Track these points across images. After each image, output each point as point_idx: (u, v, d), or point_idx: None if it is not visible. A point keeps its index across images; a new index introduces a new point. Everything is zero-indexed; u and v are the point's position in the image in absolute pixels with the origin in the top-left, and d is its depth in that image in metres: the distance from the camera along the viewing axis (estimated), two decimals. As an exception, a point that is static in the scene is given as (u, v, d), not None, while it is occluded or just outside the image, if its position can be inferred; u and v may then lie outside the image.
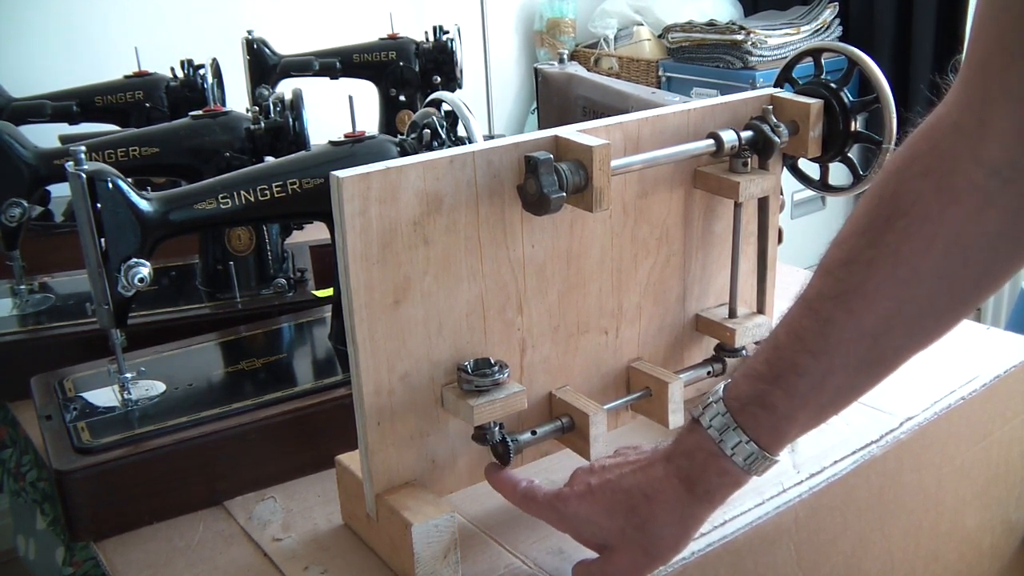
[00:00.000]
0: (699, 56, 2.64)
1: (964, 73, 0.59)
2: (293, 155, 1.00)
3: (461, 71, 1.73)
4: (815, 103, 0.90)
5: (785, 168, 0.97)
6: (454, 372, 0.78)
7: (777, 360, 0.65)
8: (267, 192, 0.95)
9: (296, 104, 1.13)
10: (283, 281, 1.23)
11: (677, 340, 0.96)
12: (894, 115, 0.89)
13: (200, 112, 1.18)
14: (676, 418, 0.89)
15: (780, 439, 0.66)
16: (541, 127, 1.32)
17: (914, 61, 2.60)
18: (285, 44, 1.70)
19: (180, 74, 1.50)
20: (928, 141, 0.61)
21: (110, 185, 0.87)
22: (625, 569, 0.70)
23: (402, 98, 1.74)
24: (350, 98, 0.98)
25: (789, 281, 1.09)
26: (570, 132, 0.78)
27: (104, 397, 0.95)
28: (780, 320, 0.67)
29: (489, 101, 2.78)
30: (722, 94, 0.98)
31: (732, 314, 0.95)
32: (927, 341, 0.65)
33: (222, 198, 0.94)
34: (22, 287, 1.20)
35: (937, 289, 0.61)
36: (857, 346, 0.63)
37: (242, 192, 0.95)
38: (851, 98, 0.91)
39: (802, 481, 0.87)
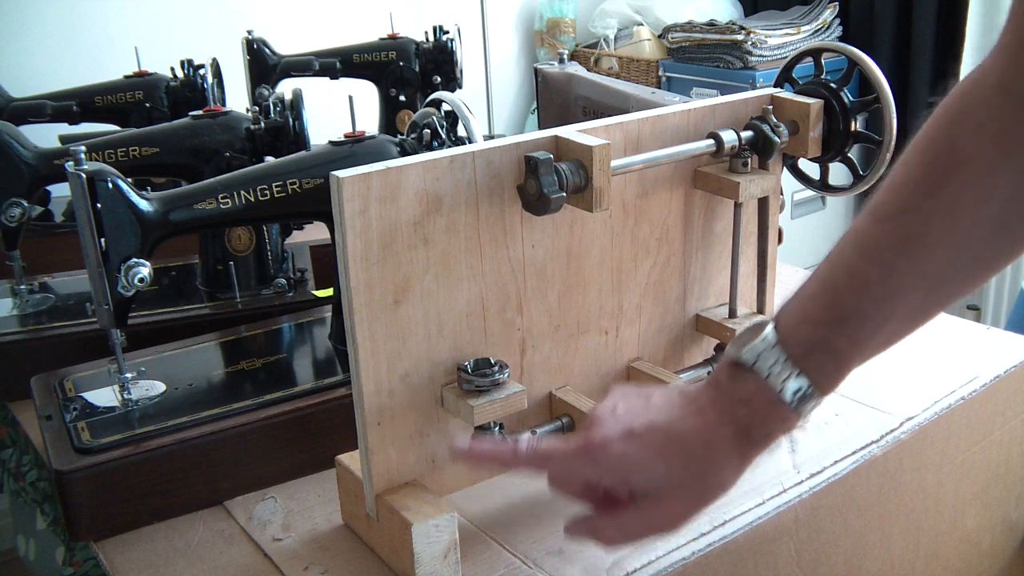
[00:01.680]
0: (699, 56, 2.64)
1: (1009, 34, 0.60)
2: (293, 155, 1.00)
3: (461, 71, 1.73)
4: (815, 103, 0.90)
5: (785, 168, 0.97)
6: (454, 372, 0.78)
7: (841, 306, 0.65)
8: (267, 192, 0.95)
9: (296, 104, 1.13)
10: (283, 281, 1.23)
11: (677, 340, 0.96)
12: (894, 115, 0.89)
13: (200, 112, 1.18)
14: (676, 418, 0.88)
15: (835, 383, 0.66)
16: (541, 127, 1.32)
17: (914, 61, 2.60)
18: (285, 44, 1.70)
19: (180, 74, 1.50)
20: (977, 97, 0.62)
21: (110, 185, 0.87)
22: (676, 515, 0.67)
23: (402, 98, 1.74)
24: (350, 98, 0.98)
25: (789, 281, 1.09)
26: (570, 132, 0.78)
27: (104, 397, 0.95)
28: (828, 263, 0.66)
29: (489, 101, 2.78)
30: (722, 94, 0.98)
31: (732, 314, 0.95)
32: (978, 284, 0.67)
33: (222, 198, 0.94)
34: (22, 287, 1.20)
35: (997, 236, 0.63)
36: (915, 294, 0.64)
37: (242, 192, 0.95)
38: (851, 98, 0.91)
39: (802, 481, 0.87)
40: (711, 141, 0.87)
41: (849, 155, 0.93)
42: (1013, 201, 0.62)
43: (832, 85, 0.91)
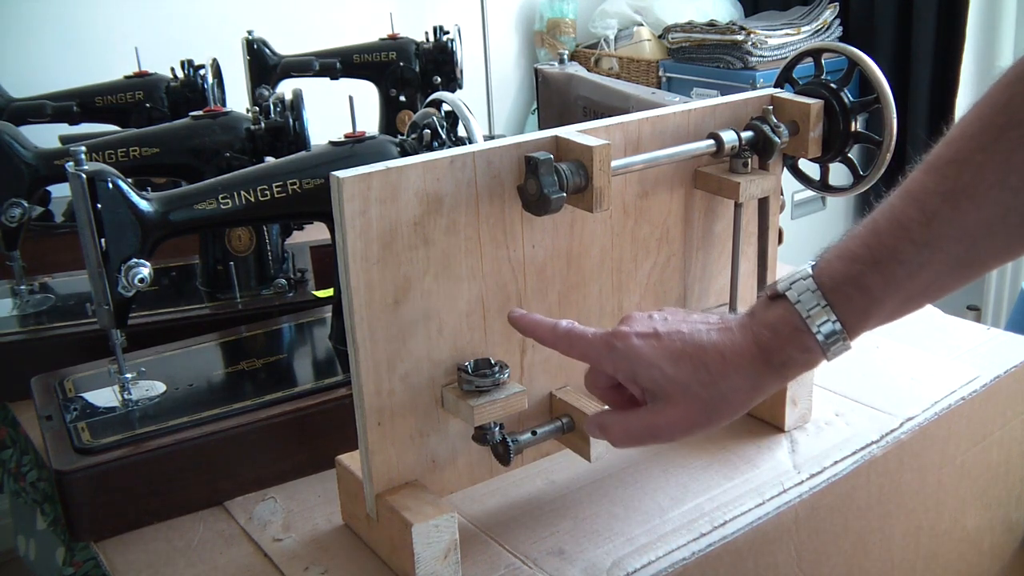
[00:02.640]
0: (699, 56, 2.64)
1: None
2: (293, 155, 1.00)
3: (461, 71, 1.73)
4: (815, 103, 0.90)
5: (785, 168, 0.97)
6: (454, 372, 0.78)
7: (877, 245, 0.65)
8: (267, 192, 0.95)
9: (296, 104, 1.13)
10: (283, 281, 1.23)
11: (677, 340, 0.96)
12: (894, 115, 0.89)
13: (200, 112, 1.18)
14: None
15: (864, 323, 0.66)
16: (541, 127, 1.32)
17: (914, 61, 2.60)
18: (285, 44, 1.70)
19: (180, 74, 1.50)
20: None
21: (110, 185, 0.87)
22: (676, 422, 0.67)
23: (402, 98, 1.74)
24: (350, 98, 0.98)
25: (789, 281, 1.09)
26: (570, 132, 0.78)
27: (104, 397, 0.95)
28: (875, 211, 0.67)
29: (489, 101, 2.78)
30: (722, 94, 0.98)
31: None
32: (1021, 251, 0.66)
33: (222, 198, 0.94)
34: (22, 287, 1.20)
35: None
36: (957, 245, 0.64)
37: (242, 192, 0.95)
38: (851, 98, 0.91)
39: (802, 481, 0.88)
40: (711, 141, 0.87)
41: (849, 155, 0.93)
42: None
43: (832, 85, 0.91)
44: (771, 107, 0.90)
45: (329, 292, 1.19)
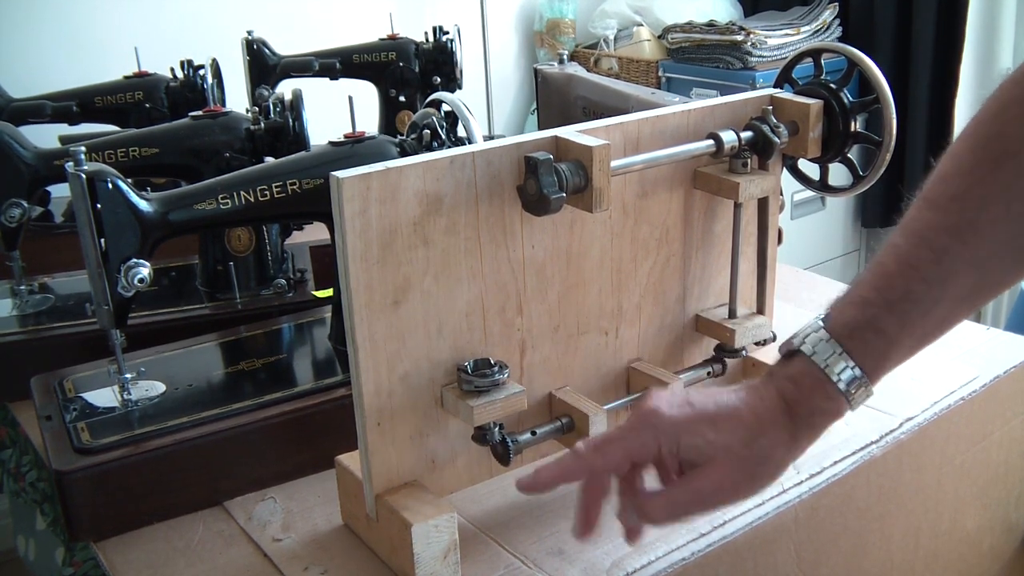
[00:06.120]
0: (699, 57, 2.64)
1: None
2: (293, 155, 1.00)
3: (461, 71, 1.73)
4: (815, 103, 0.90)
5: (785, 168, 0.97)
6: (454, 372, 0.78)
7: (888, 288, 0.66)
8: (267, 192, 0.95)
9: (296, 104, 1.13)
10: (283, 281, 1.23)
11: (677, 340, 0.96)
12: (894, 115, 0.89)
13: (200, 112, 1.18)
14: (676, 418, 0.89)
15: (883, 365, 0.67)
16: (541, 127, 1.32)
17: (914, 61, 2.60)
18: (285, 44, 1.70)
19: (180, 74, 1.50)
20: (1020, 87, 0.63)
21: (110, 185, 0.87)
22: (720, 484, 0.67)
23: (402, 98, 1.74)
24: (350, 98, 0.98)
25: (789, 281, 1.09)
26: (570, 132, 0.78)
27: (104, 397, 0.95)
28: (880, 253, 0.67)
29: (489, 101, 2.78)
30: (722, 94, 0.98)
31: (732, 314, 0.95)
32: None
33: (222, 198, 0.94)
34: (22, 287, 1.20)
35: None
36: (968, 277, 0.65)
37: (242, 192, 0.95)
38: (851, 98, 0.91)
39: (802, 481, 0.88)
40: (711, 141, 0.87)
41: (849, 155, 0.93)
42: None
43: (832, 85, 0.91)
44: (771, 107, 0.90)
45: (329, 292, 1.19)
